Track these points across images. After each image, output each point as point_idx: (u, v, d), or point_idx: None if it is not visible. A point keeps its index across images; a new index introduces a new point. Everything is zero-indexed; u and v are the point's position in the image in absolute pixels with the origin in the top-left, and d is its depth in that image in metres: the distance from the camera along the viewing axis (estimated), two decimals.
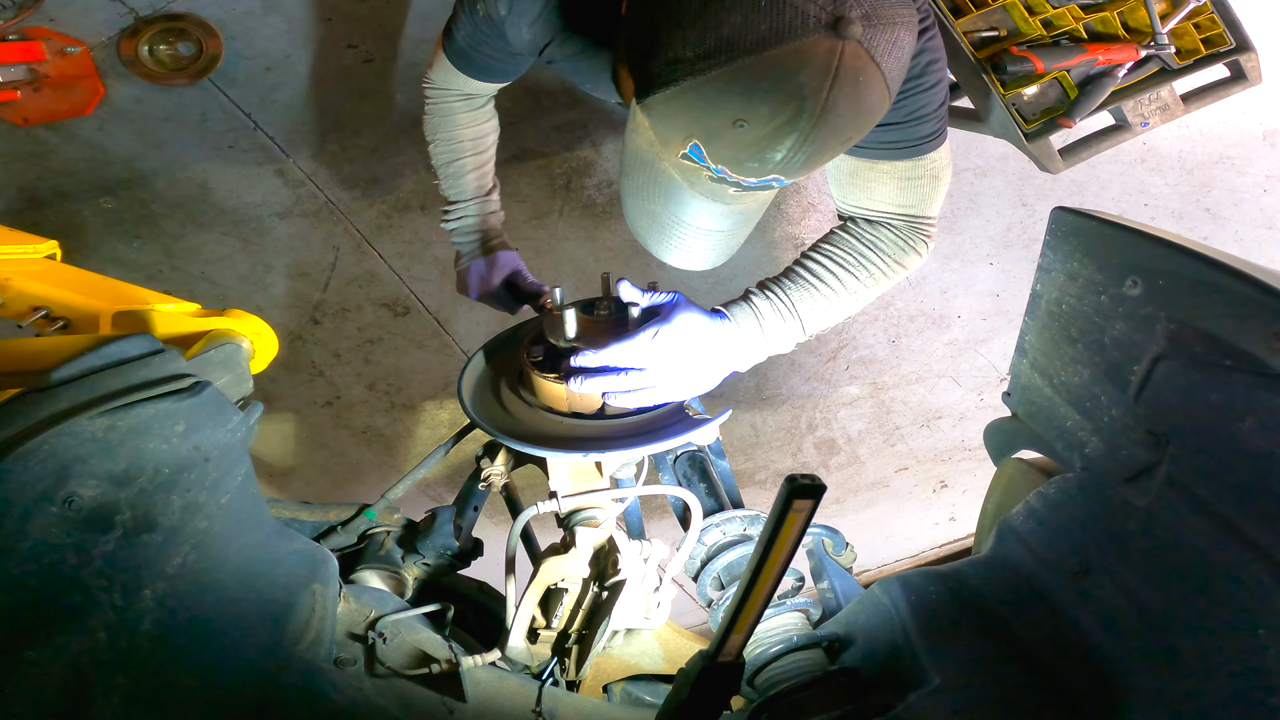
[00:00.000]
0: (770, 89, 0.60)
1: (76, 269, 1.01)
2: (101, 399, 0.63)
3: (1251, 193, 2.46)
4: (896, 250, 0.95)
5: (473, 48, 0.98)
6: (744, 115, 0.62)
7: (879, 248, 0.95)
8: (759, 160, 0.65)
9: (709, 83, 0.61)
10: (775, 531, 0.55)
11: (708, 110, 0.63)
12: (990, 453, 1.04)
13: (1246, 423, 0.58)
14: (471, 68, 1.02)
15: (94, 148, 1.77)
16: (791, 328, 0.93)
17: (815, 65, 0.59)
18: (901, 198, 0.93)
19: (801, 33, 0.57)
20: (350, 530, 1.03)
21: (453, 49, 1.01)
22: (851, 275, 0.94)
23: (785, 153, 0.64)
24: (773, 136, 0.63)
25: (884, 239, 0.95)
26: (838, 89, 0.60)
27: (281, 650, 0.72)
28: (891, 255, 0.95)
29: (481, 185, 1.19)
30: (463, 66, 1.03)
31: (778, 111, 0.61)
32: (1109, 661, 0.67)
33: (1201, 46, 1.44)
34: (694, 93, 0.62)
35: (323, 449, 2.30)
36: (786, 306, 0.92)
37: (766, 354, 0.95)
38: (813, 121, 0.61)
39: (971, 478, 2.90)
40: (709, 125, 0.64)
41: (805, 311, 0.93)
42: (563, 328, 0.91)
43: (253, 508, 0.79)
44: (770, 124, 0.62)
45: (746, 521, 1.01)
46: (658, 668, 1.01)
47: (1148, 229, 0.70)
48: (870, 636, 0.86)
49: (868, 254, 0.94)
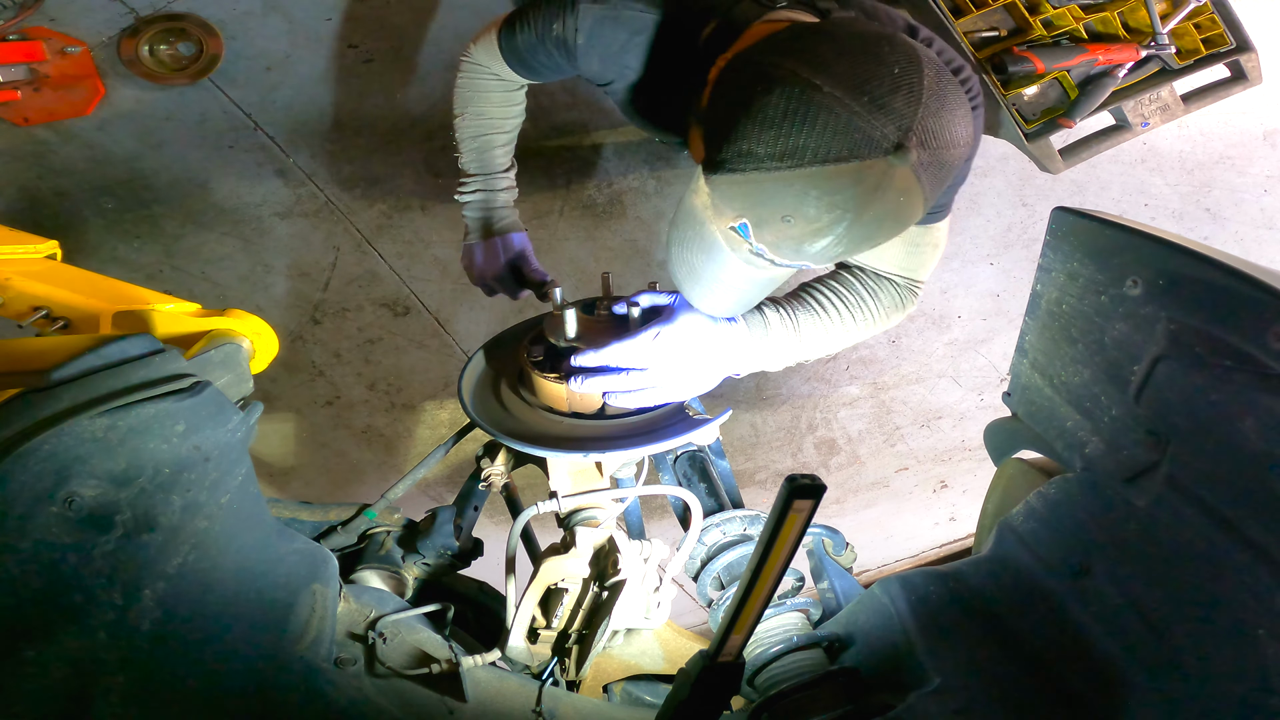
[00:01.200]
0: (821, 197, 0.66)
1: (76, 269, 1.01)
2: (101, 399, 0.63)
3: (1251, 193, 2.46)
4: (892, 303, 1.02)
5: (531, 54, 1.00)
6: (793, 214, 0.68)
7: (879, 297, 1.00)
8: (796, 250, 0.73)
9: (770, 180, 0.67)
10: (775, 531, 0.55)
11: (762, 202, 0.70)
12: (990, 453, 1.04)
13: (1246, 423, 0.58)
14: (522, 67, 1.05)
15: (94, 148, 1.77)
16: (793, 342, 0.96)
17: (867, 184, 0.65)
18: (906, 261, 0.99)
19: (865, 154, 0.63)
20: (350, 530, 1.03)
21: (509, 46, 1.02)
22: (850, 314, 0.99)
23: (820, 249, 0.71)
24: (813, 235, 0.69)
25: (884, 291, 1.01)
26: (881, 204, 0.66)
27: (282, 650, 0.72)
28: (886, 307, 1.01)
29: (502, 163, 1.20)
30: (513, 64, 1.05)
31: (822, 216, 0.67)
32: (1109, 661, 0.67)
33: (1202, 46, 1.44)
34: (755, 184, 0.69)
35: (323, 449, 2.30)
36: (791, 320, 0.96)
37: (763, 364, 0.97)
38: (851, 229, 0.68)
39: (971, 478, 2.90)
40: (760, 214, 0.71)
41: (806, 329, 0.96)
42: (563, 327, 0.91)
43: (253, 507, 0.79)
44: (813, 225, 0.68)
45: (746, 521, 1.01)
46: (658, 668, 1.01)
47: (1148, 229, 0.70)
48: (870, 636, 0.86)
49: (868, 300, 1.00)
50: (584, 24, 0.90)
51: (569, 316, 0.90)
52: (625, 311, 0.93)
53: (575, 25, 0.91)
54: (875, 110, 0.63)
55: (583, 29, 0.91)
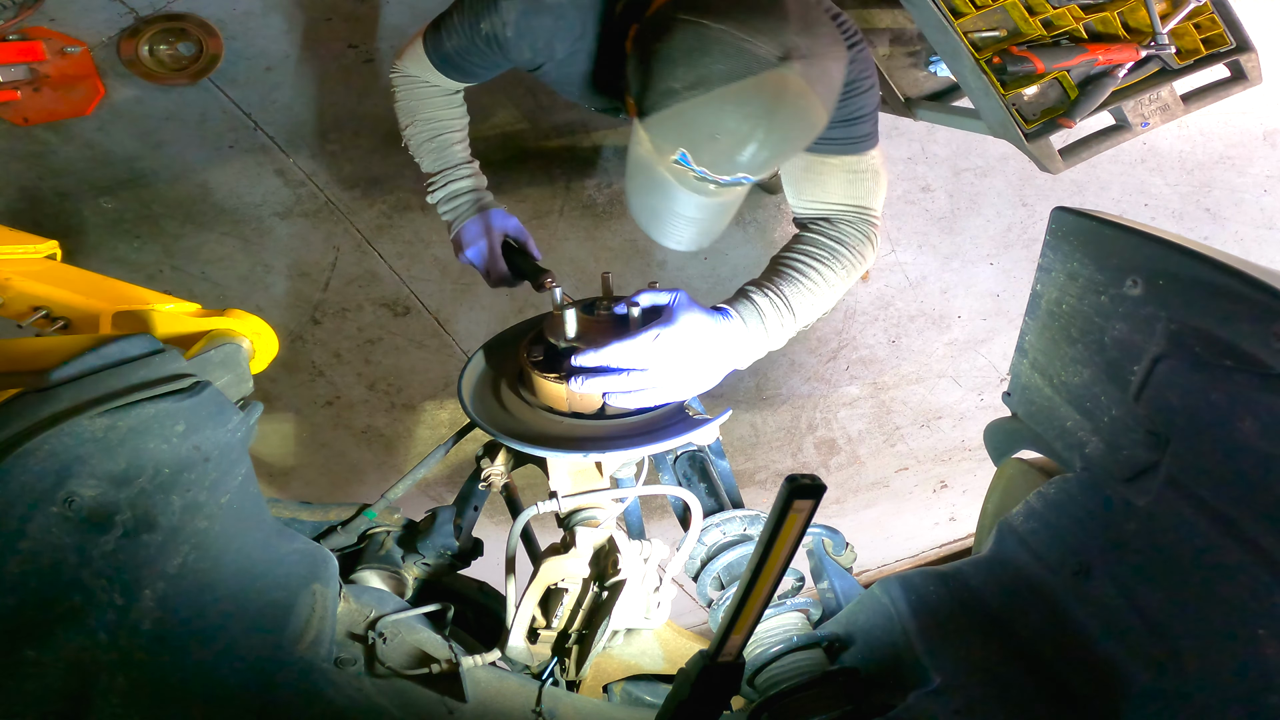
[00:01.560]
0: (735, 110, 0.80)
1: (76, 269, 1.01)
2: (101, 399, 0.63)
3: (1251, 193, 2.46)
4: (858, 242, 1.05)
5: (462, 57, 1.06)
6: (717, 129, 0.82)
7: (844, 241, 1.05)
8: (730, 163, 0.84)
9: (692, 107, 0.81)
10: (775, 531, 0.55)
11: (691, 127, 0.83)
12: (990, 453, 1.04)
13: (1246, 423, 0.58)
14: (455, 71, 1.11)
15: (94, 148, 1.77)
16: (787, 321, 0.98)
17: (768, 92, 0.78)
18: (851, 190, 1.06)
19: (757, 69, 0.77)
20: (350, 530, 1.03)
21: (438, 54, 1.08)
22: (828, 268, 1.02)
23: (748, 156, 0.83)
24: (739, 145, 0.82)
25: (845, 233, 1.05)
26: (784, 108, 0.80)
27: (281, 650, 0.72)
28: (855, 247, 1.05)
29: (462, 156, 1.22)
30: (445, 70, 1.11)
31: (741, 126, 0.80)
32: (1109, 661, 0.67)
33: (1201, 46, 1.44)
34: (680, 115, 0.82)
35: (323, 449, 2.30)
36: (782, 300, 0.97)
37: (766, 349, 0.98)
38: (767, 132, 0.81)
39: (971, 478, 2.90)
40: (692, 138, 0.84)
41: (797, 305, 0.98)
42: (563, 328, 0.91)
43: (253, 508, 0.79)
44: (736, 135, 0.81)
45: (746, 521, 1.01)
46: (658, 668, 1.01)
47: (1148, 229, 0.70)
48: (870, 636, 0.85)
49: (837, 248, 1.04)
50: (510, 17, 0.97)
51: (569, 316, 0.90)
52: (625, 311, 0.93)
53: (503, 20, 0.97)
54: (756, 34, 0.77)
55: (510, 22, 0.97)
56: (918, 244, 2.35)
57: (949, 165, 2.27)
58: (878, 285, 2.39)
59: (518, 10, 0.96)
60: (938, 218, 2.33)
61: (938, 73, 1.68)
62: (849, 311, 2.40)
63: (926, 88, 1.68)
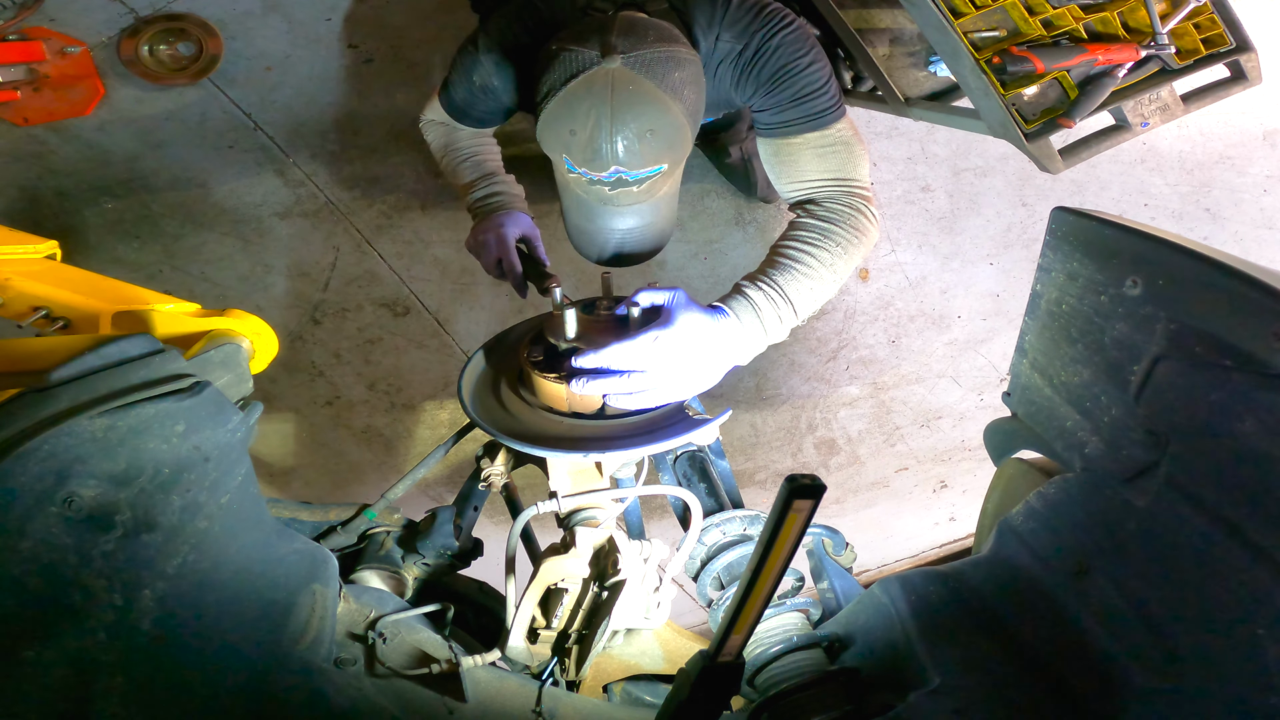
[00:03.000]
0: (577, 104, 0.91)
1: (76, 269, 1.01)
2: (101, 399, 0.63)
3: (1251, 193, 2.46)
4: (849, 216, 1.05)
5: (470, 106, 1.20)
6: (572, 125, 0.92)
7: (835, 219, 1.04)
8: (599, 157, 0.93)
9: (547, 112, 0.94)
10: (775, 531, 0.55)
11: (552, 128, 0.95)
12: (990, 453, 1.04)
13: (1246, 423, 0.58)
14: (468, 119, 1.25)
15: (94, 148, 1.77)
16: (785, 313, 0.97)
17: (599, 83, 0.90)
18: (824, 164, 1.08)
19: (584, 67, 0.90)
20: (350, 530, 1.03)
21: (453, 109, 1.22)
22: (824, 250, 1.02)
23: (607, 145, 0.91)
24: (593, 134, 0.91)
25: (836, 212, 1.05)
26: (619, 94, 0.90)
27: (281, 650, 0.72)
28: (847, 222, 1.04)
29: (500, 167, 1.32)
30: (460, 119, 1.25)
31: (587, 116, 0.91)
32: (1109, 661, 0.67)
33: (1201, 46, 1.44)
34: (543, 121, 0.96)
35: (323, 449, 2.30)
36: (777, 292, 0.97)
37: (766, 344, 0.98)
38: (616, 119, 0.90)
39: (971, 478, 2.89)
40: (558, 139, 0.95)
41: (794, 294, 0.98)
42: (563, 328, 0.91)
43: (253, 508, 0.79)
44: (587, 126, 0.91)
45: (746, 521, 1.01)
46: (658, 668, 1.01)
47: (1148, 229, 0.70)
48: (870, 636, 0.85)
49: (829, 228, 1.03)
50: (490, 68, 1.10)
51: (569, 317, 0.90)
52: (625, 312, 0.93)
53: (487, 71, 1.11)
54: (581, 43, 0.91)
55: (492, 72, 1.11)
56: (918, 244, 2.34)
57: (949, 165, 2.27)
58: (878, 285, 2.39)
59: (493, 60, 1.10)
60: (937, 218, 2.33)
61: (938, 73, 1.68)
62: (849, 311, 2.40)
63: (926, 88, 1.68)
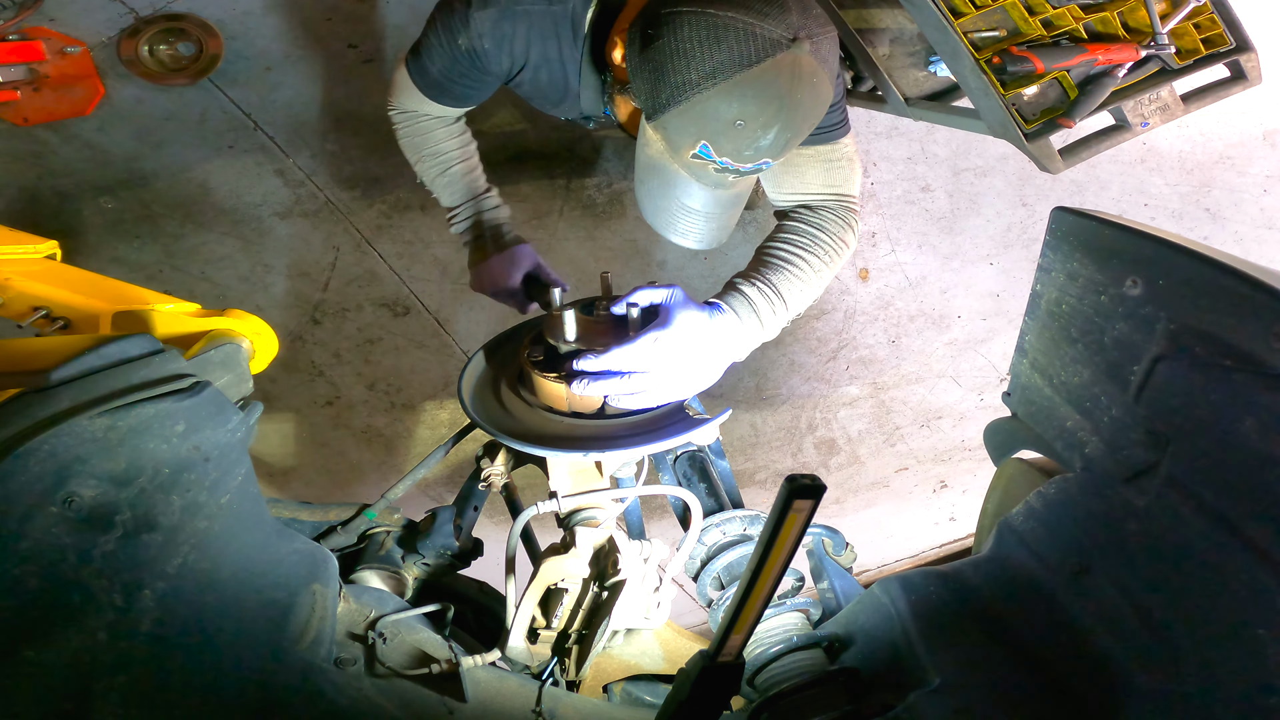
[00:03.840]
0: (758, 94, 0.80)
1: (76, 269, 1.01)
2: (101, 399, 0.63)
3: (1251, 193, 2.46)
4: (839, 228, 1.06)
5: (450, 79, 1.06)
6: (741, 115, 0.81)
7: (824, 228, 1.05)
8: (753, 149, 0.84)
9: (711, 96, 0.80)
10: (775, 531, 0.55)
11: (712, 117, 0.82)
12: (990, 453, 1.04)
13: (1246, 423, 0.58)
14: (446, 96, 1.10)
15: (94, 148, 1.77)
16: (779, 309, 0.99)
17: (786, 73, 0.79)
18: (828, 178, 1.07)
19: (773, 51, 0.78)
20: (350, 530, 1.03)
21: (425, 81, 1.07)
22: (812, 254, 1.03)
23: (771, 139, 0.84)
24: (762, 130, 0.82)
25: (826, 220, 1.06)
26: (801, 88, 0.81)
27: (281, 650, 0.72)
28: (836, 233, 1.05)
29: (476, 186, 1.23)
30: (436, 96, 1.10)
31: (764, 110, 0.81)
32: (1109, 661, 0.67)
33: (1201, 46, 1.44)
34: (700, 106, 0.81)
35: (323, 449, 2.30)
36: (771, 289, 0.98)
37: (761, 340, 0.99)
38: (789, 113, 0.82)
39: (971, 478, 2.90)
40: (714, 129, 0.83)
41: (786, 292, 0.99)
42: (563, 329, 0.91)
43: (253, 508, 0.79)
44: (760, 119, 0.81)
45: (746, 521, 1.01)
46: (658, 668, 1.01)
47: (1148, 229, 0.70)
48: (870, 636, 0.85)
49: (818, 234, 1.04)
50: (484, 28, 0.97)
51: (568, 318, 0.90)
52: (624, 312, 0.93)
53: (478, 31, 0.97)
54: (762, 18, 0.78)
55: (485, 33, 0.98)
56: (918, 244, 2.34)
57: (949, 165, 2.27)
58: (878, 285, 2.39)
59: (490, 19, 0.96)
60: (937, 218, 2.33)
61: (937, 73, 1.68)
62: (849, 311, 2.40)
63: (926, 88, 1.68)
